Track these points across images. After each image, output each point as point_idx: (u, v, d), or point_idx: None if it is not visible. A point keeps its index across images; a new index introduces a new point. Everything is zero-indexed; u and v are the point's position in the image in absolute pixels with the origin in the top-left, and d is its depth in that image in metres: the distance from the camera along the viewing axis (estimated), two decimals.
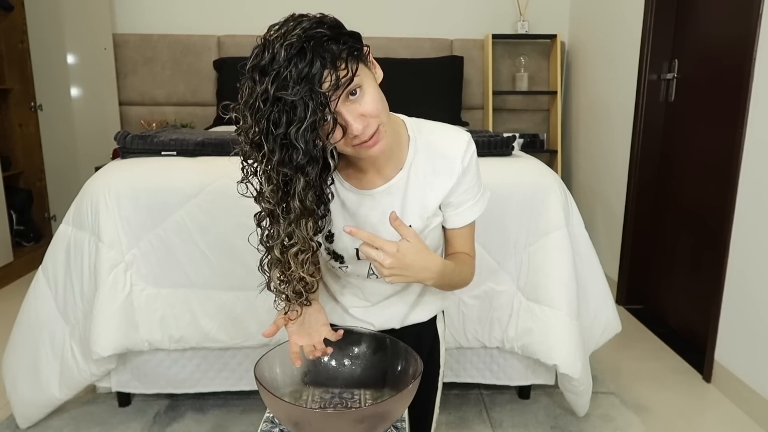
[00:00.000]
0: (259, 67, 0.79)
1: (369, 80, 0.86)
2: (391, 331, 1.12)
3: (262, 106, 0.78)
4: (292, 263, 0.90)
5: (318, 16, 0.82)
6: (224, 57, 3.62)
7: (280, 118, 0.77)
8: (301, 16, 0.82)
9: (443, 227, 1.07)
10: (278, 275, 0.93)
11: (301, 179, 0.83)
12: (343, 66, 0.80)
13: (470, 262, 1.08)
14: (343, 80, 0.79)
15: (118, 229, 1.67)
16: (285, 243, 0.88)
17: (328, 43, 0.79)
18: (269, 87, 0.77)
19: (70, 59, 3.27)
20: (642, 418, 1.89)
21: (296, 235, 0.87)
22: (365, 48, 0.86)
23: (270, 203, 0.87)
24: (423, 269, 0.91)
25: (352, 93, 0.82)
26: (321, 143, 0.83)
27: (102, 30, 3.48)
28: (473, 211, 1.05)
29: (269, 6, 3.71)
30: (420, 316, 1.16)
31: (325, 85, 0.78)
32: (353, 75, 0.80)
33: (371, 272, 1.05)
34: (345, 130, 0.84)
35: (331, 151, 0.90)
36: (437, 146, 1.00)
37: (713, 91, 2.30)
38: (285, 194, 0.85)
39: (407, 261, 0.88)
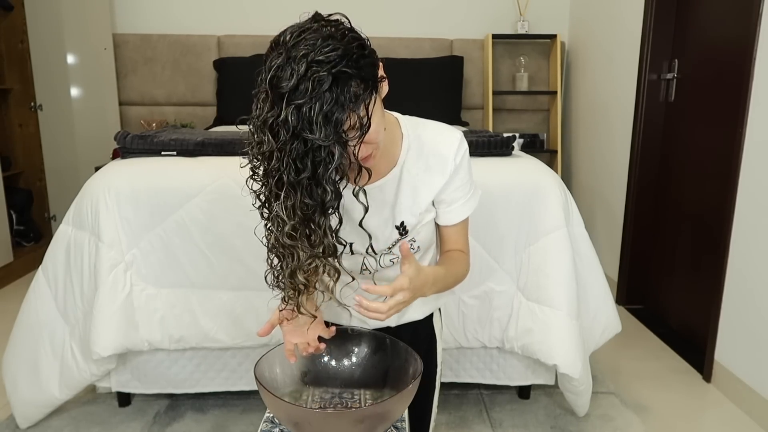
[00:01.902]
0: (278, 89, 0.75)
1: (377, 105, 0.84)
2: (387, 329, 1.12)
3: (284, 135, 0.75)
4: (300, 277, 0.89)
5: (342, 31, 0.79)
6: (224, 57, 3.62)
7: (305, 158, 0.76)
8: (329, 36, 0.76)
9: (437, 224, 1.08)
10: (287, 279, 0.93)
11: (324, 217, 0.82)
12: (362, 106, 0.78)
13: (463, 258, 1.08)
14: (363, 124, 0.78)
15: (118, 229, 1.67)
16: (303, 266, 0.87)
17: (353, 83, 0.77)
18: (290, 118, 0.74)
19: (70, 59, 3.27)
20: (642, 418, 1.89)
21: (316, 259, 0.86)
22: (380, 75, 0.84)
23: (293, 238, 0.83)
24: (425, 286, 0.93)
25: None
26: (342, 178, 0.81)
27: (102, 30, 3.48)
28: (465, 208, 1.06)
29: (269, 6, 3.71)
30: (415, 314, 1.16)
31: (346, 126, 0.77)
32: (369, 117, 0.79)
33: (364, 267, 1.05)
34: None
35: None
36: (430, 144, 1.01)
37: (713, 91, 2.30)
38: (306, 227, 0.83)
39: (417, 285, 0.90)
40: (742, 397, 1.95)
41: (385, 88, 0.89)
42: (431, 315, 1.20)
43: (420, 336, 1.18)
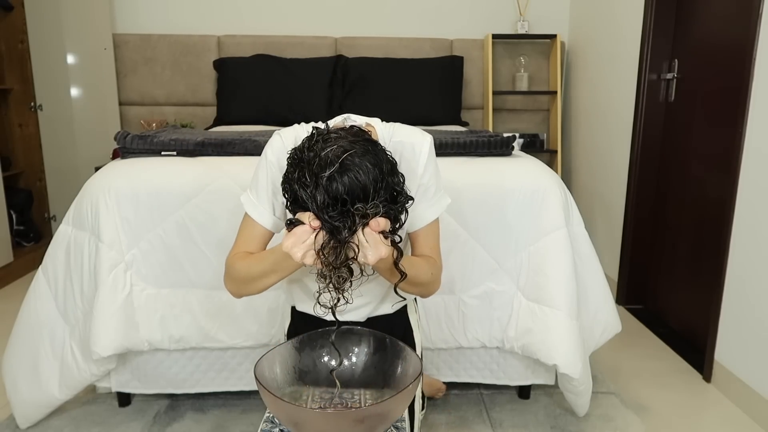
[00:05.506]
0: None
1: None
2: (357, 324, 1.17)
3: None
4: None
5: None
6: (224, 57, 3.62)
7: None
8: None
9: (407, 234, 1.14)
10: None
11: None
12: None
13: (432, 261, 1.12)
14: None
15: (118, 229, 1.67)
16: None
17: None
18: None
19: (70, 59, 3.27)
20: (642, 417, 1.89)
21: None
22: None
23: None
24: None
25: None
26: None
27: (102, 30, 3.48)
28: (430, 211, 1.11)
29: (269, 6, 3.71)
30: (385, 308, 1.22)
31: None
32: None
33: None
34: None
35: None
36: (402, 147, 1.09)
37: (713, 91, 2.30)
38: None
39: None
40: (742, 397, 1.95)
41: None
42: (405, 308, 1.23)
43: (395, 329, 1.22)
